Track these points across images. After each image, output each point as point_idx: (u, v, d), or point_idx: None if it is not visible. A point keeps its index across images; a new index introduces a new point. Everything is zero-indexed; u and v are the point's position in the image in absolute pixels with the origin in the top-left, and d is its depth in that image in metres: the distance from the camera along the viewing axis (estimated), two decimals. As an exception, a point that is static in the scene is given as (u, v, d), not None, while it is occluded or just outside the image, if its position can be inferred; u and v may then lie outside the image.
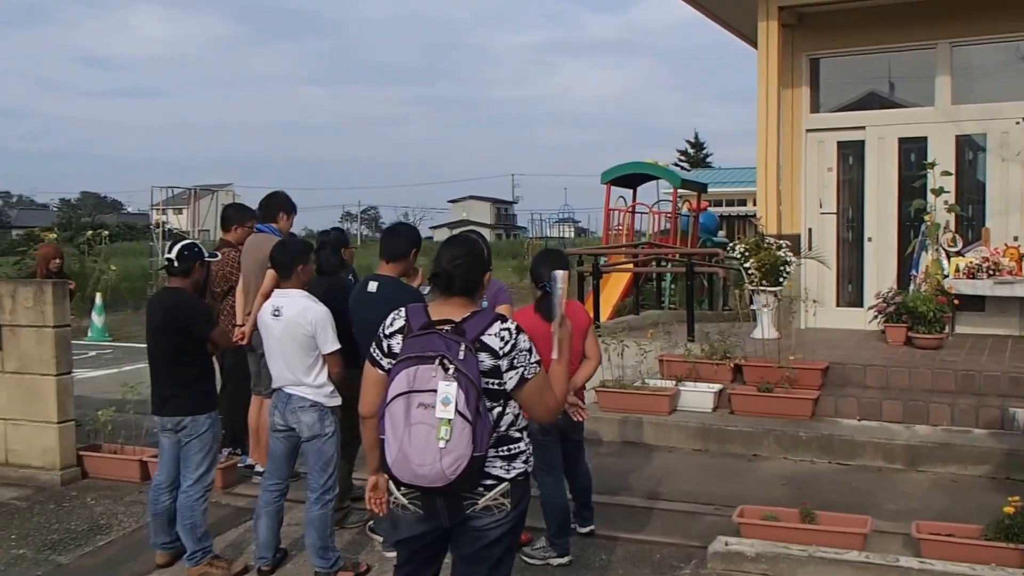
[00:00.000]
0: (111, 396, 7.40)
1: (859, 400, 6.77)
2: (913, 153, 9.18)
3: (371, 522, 4.92)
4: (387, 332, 2.84)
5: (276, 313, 4.29)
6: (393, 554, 4.49)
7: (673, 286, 14.91)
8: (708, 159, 48.59)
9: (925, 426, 6.44)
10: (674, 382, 7.31)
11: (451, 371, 2.57)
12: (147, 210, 60.34)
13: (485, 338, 2.70)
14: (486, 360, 2.68)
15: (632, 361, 7.68)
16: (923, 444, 6.11)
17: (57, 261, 7.50)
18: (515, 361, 2.72)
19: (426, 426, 2.55)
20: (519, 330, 2.78)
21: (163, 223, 24.80)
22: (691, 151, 49.11)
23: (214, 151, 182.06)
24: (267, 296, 5.28)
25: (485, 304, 3.17)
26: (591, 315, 6.89)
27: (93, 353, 11.44)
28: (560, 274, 3.12)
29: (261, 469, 5.71)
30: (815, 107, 9.62)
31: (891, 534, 4.70)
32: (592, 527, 4.88)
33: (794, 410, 6.76)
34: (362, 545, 4.77)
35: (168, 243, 21.89)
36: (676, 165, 34.45)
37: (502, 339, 2.71)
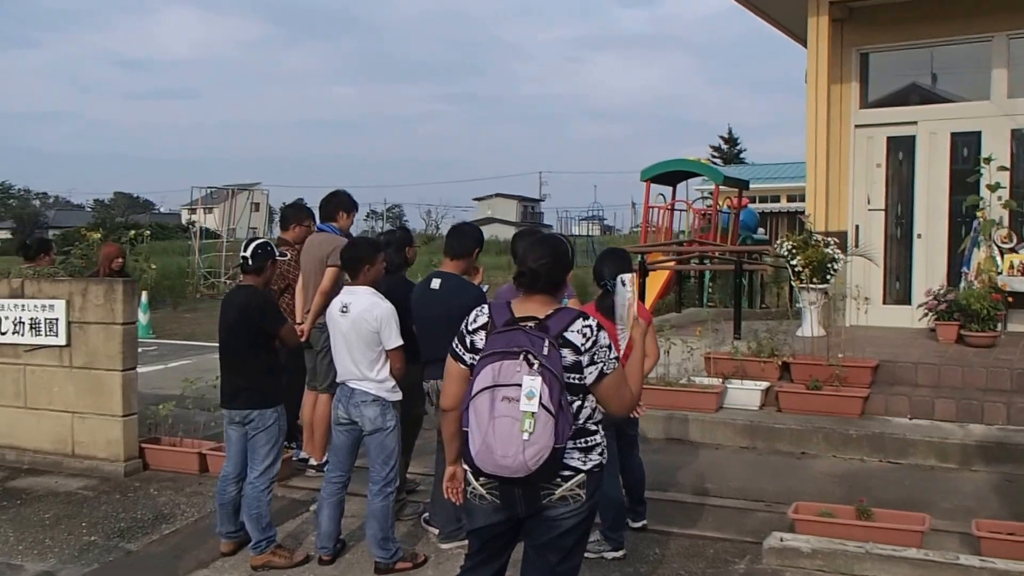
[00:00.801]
0: (161, 391, 7.61)
1: (911, 398, 6.70)
2: (966, 148, 9.04)
3: (426, 514, 5.00)
4: (470, 328, 2.92)
5: (344, 309, 4.39)
6: (448, 546, 4.61)
7: (711, 284, 14.80)
8: (742, 155, 48.19)
9: (980, 425, 6.36)
10: (720, 380, 7.30)
11: (536, 366, 2.64)
12: (178, 210, 61.53)
13: (568, 334, 2.78)
14: (568, 356, 2.76)
15: (678, 358, 7.69)
16: (978, 443, 6.04)
17: (119, 260, 7.71)
18: (595, 357, 2.80)
19: (510, 419, 2.62)
20: (599, 327, 2.86)
21: (196, 222, 25.23)
22: (724, 147, 48.72)
23: (244, 150, 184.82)
24: (326, 294, 5.42)
25: (567, 302, 3.25)
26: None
27: (139, 350, 11.73)
28: (627, 277, 3.20)
29: (315, 463, 5.85)
30: (864, 102, 9.53)
31: (948, 532, 4.68)
32: (644, 522, 4.92)
33: (844, 408, 6.72)
34: (417, 537, 4.85)
35: (202, 242, 22.38)
36: (709, 161, 34.15)
37: (584, 335, 2.79)
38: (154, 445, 6.20)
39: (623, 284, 3.19)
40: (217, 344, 4.70)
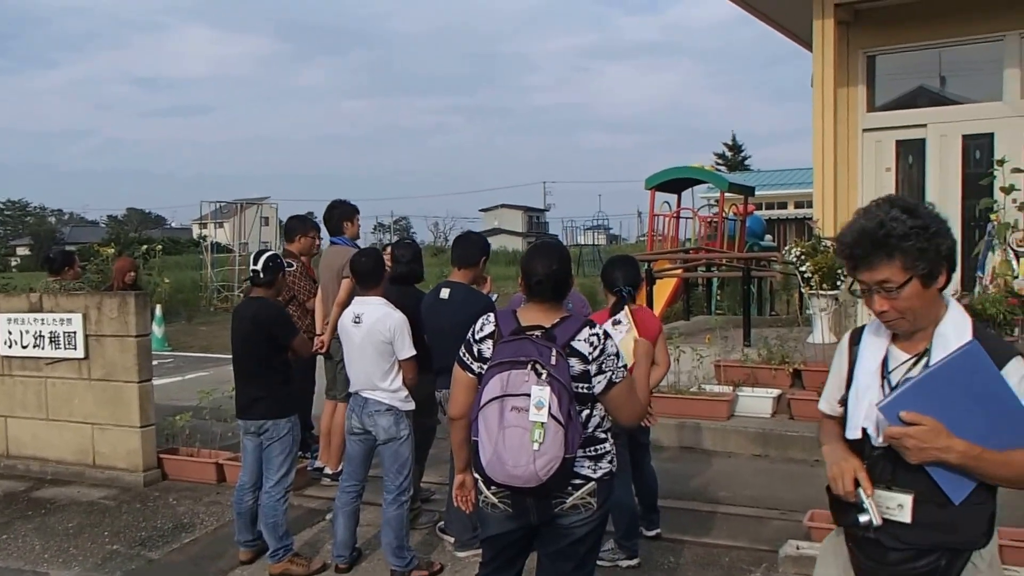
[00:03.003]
0: (179, 403, 7.67)
1: (924, 404, 6.69)
2: (978, 150, 9.03)
3: (441, 523, 5.03)
4: (477, 337, 2.92)
5: (357, 320, 4.44)
6: (464, 554, 4.63)
7: (719, 292, 14.82)
8: (746, 161, 48.25)
9: (995, 431, 6.34)
10: (731, 387, 7.30)
11: (544, 376, 2.65)
12: (190, 224, 61.99)
13: (575, 343, 2.78)
14: (576, 365, 2.76)
15: (688, 366, 7.70)
16: (993, 449, 6.02)
17: (132, 274, 7.79)
18: (603, 366, 2.80)
19: (520, 429, 2.63)
20: (607, 335, 2.86)
21: (207, 237, 25.41)
22: (728, 154, 48.76)
23: (257, 165, 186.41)
24: (343, 305, 5.47)
25: (571, 306, 3.27)
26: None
27: (155, 363, 11.83)
28: (622, 315, 3.46)
29: (330, 472, 5.90)
30: (871, 105, 9.51)
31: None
32: (658, 530, 4.93)
33: (857, 414, 6.71)
34: (433, 545, 4.87)
35: (214, 256, 22.50)
36: (714, 168, 34.22)
37: (591, 344, 2.79)
38: (172, 455, 6.26)
39: (616, 323, 3.28)
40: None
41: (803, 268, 8.28)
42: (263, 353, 4.53)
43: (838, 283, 8.22)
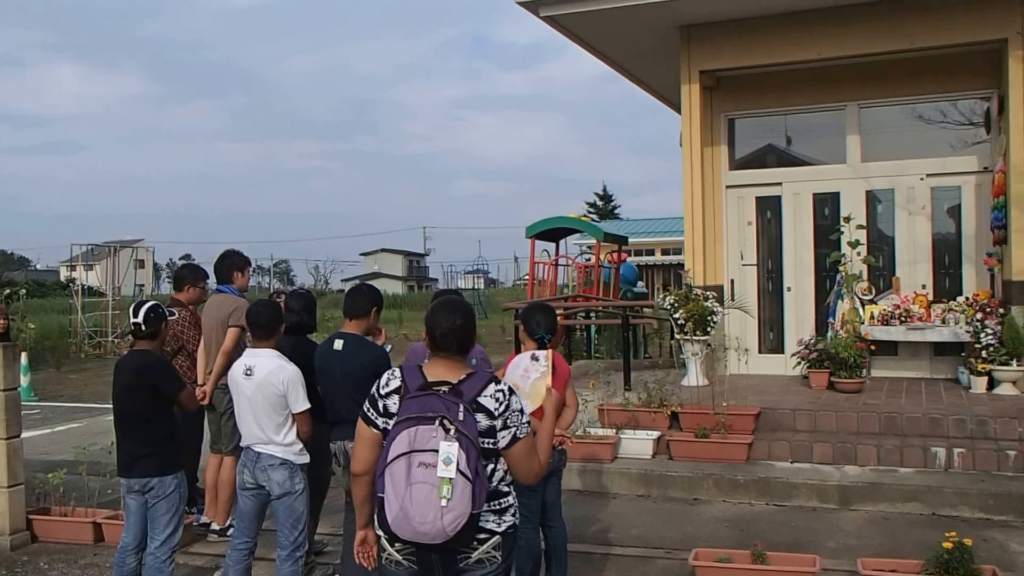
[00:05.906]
0: (49, 457, 7.19)
1: (791, 443, 7.14)
2: (827, 207, 9.86)
3: (335, 575, 4.95)
4: (383, 392, 2.91)
5: (248, 372, 4.36)
6: (361, 608, 4.56)
7: (598, 336, 15.27)
8: (616, 210, 50.30)
9: (854, 466, 6.81)
10: (614, 430, 7.55)
11: (452, 432, 2.68)
12: (56, 266, 58.04)
13: (481, 399, 2.82)
14: (482, 420, 2.80)
15: (573, 410, 7.89)
16: (854, 484, 6.46)
17: (2, 322, 7.26)
18: (508, 421, 2.85)
19: (428, 485, 2.64)
20: (511, 391, 2.93)
21: (77, 280, 24.04)
22: (600, 203, 50.77)
23: (129, 206, 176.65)
24: (228, 354, 5.36)
25: (475, 362, 3.34)
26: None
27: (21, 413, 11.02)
28: (542, 353, 3.48)
29: (217, 527, 5.70)
30: (732, 164, 10.24)
31: (836, 571, 4.97)
32: None
33: (730, 454, 7.07)
34: (327, 601, 4.79)
35: (84, 300, 21.25)
36: (585, 217, 35.45)
37: (497, 400, 2.85)
38: (43, 516, 5.87)
39: (535, 359, 3.37)
40: (110, 405, 4.54)
41: (676, 315, 8.70)
42: (147, 408, 4.35)
43: (708, 329, 8.70)
